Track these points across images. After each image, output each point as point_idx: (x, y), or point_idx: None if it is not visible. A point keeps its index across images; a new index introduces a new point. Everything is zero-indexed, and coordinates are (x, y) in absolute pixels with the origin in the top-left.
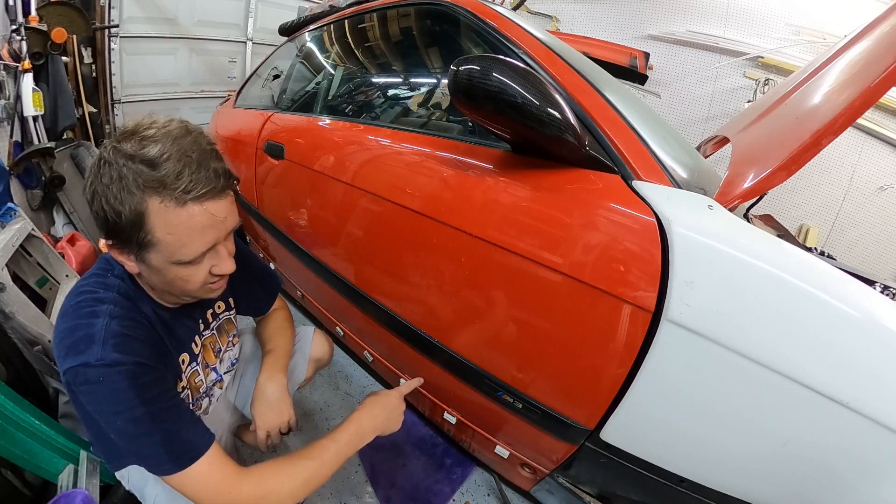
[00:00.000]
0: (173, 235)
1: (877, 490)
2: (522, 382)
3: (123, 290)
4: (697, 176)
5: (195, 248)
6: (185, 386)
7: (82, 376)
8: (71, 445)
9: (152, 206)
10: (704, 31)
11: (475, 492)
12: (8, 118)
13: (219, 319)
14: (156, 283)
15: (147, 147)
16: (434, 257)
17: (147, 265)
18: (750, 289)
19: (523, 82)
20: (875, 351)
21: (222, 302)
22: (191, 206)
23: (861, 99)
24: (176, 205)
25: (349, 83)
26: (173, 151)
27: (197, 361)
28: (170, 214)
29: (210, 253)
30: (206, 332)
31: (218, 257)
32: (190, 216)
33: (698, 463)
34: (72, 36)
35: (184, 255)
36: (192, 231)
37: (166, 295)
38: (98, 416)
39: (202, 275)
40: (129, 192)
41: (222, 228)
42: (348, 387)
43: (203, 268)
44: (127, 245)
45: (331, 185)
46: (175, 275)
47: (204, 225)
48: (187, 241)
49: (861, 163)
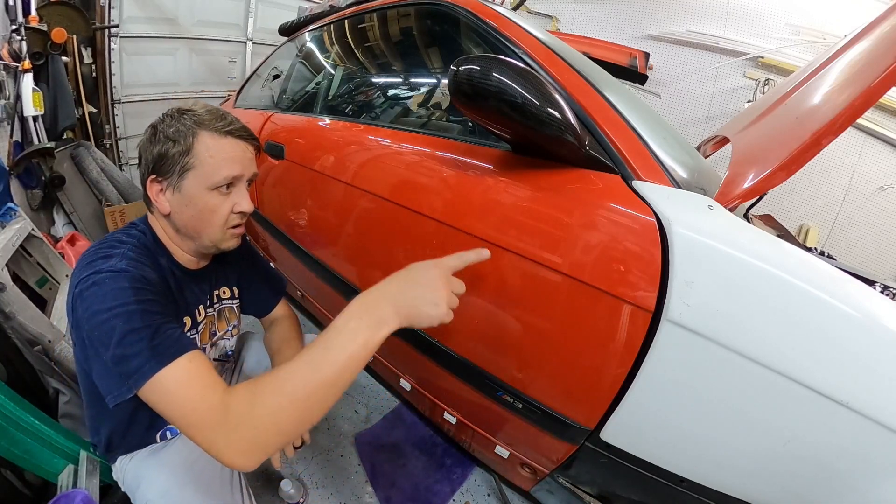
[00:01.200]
0: (213, 158)
1: (877, 490)
2: (522, 382)
3: (143, 240)
4: (697, 176)
5: (227, 171)
6: None
7: (90, 280)
8: (71, 445)
9: (200, 136)
10: (704, 31)
11: (475, 492)
12: (8, 118)
13: (222, 303)
14: (184, 218)
15: (196, 108)
16: (433, 257)
17: (182, 195)
18: (750, 289)
19: (523, 82)
20: (875, 351)
21: (227, 288)
22: (230, 138)
23: (861, 99)
24: (219, 135)
25: (349, 83)
26: (215, 111)
27: (198, 331)
28: (213, 141)
29: (234, 189)
30: (208, 310)
31: (240, 195)
32: (228, 144)
33: (698, 463)
34: (72, 36)
35: (218, 175)
36: (226, 158)
37: (188, 245)
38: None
39: (227, 208)
40: (185, 126)
41: (248, 167)
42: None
43: (228, 201)
44: (170, 174)
45: (331, 186)
46: (205, 203)
47: (236, 156)
48: (222, 165)
49: (861, 163)
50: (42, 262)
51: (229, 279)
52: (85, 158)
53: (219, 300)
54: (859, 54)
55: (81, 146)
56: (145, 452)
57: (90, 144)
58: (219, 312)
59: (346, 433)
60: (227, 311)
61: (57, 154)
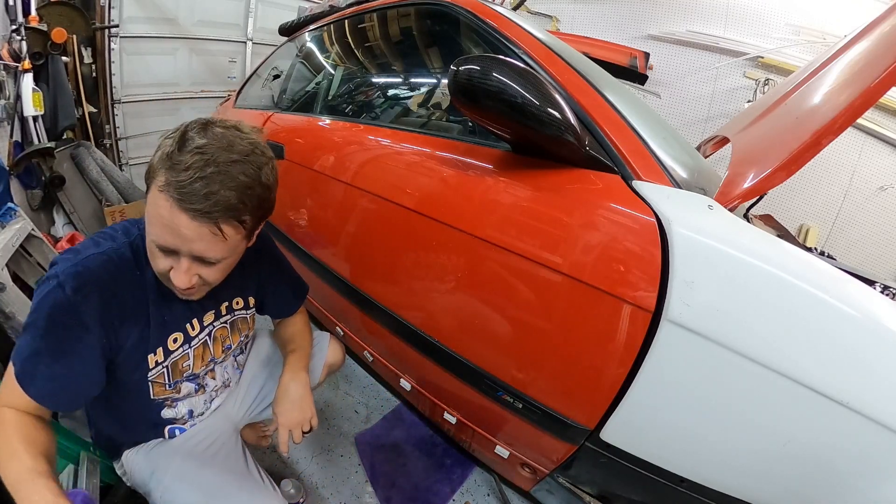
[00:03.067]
0: (149, 210)
1: (877, 490)
2: (522, 382)
3: (136, 246)
4: (697, 176)
5: (154, 235)
6: (160, 362)
7: (50, 271)
8: (71, 445)
9: (157, 175)
10: (704, 31)
11: (475, 492)
12: (8, 118)
13: (234, 315)
14: None
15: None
16: (433, 257)
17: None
18: (750, 289)
19: (523, 82)
20: (875, 351)
21: (241, 299)
22: (165, 201)
23: (861, 99)
24: (158, 189)
25: (349, 83)
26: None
27: (191, 345)
28: (154, 192)
29: (172, 255)
30: (216, 324)
31: (177, 266)
32: (158, 206)
33: (698, 463)
34: (72, 36)
35: (149, 232)
36: (157, 219)
37: None
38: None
39: (162, 266)
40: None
41: (183, 245)
42: (348, 387)
43: (164, 261)
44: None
45: (331, 186)
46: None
47: (165, 225)
48: (153, 223)
49: (861, 163)
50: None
51: (246, 288)
52: (85, 158)
53: (230, 312)
54: (859, 54)
55: (81, 146)
56: (153, 443)
57: (90, 144)
58: (231, 325)
59: (346, 433)
60: (240, 322)
61: (57, 154)
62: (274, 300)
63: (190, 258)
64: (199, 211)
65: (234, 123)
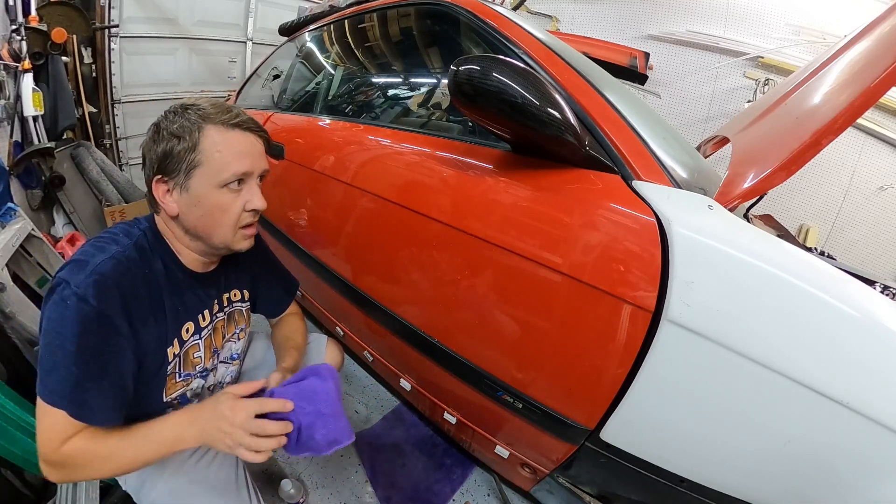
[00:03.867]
0: (220, 153)
1: (877, 490)
2: (522, 382)
3: (141, 242)
4: (697, 176)
5: (236, 166)
6: (177, 353)
7: (60, 289)
8: None
9: (207, 130)
10: (704, 31)
11: (475, 492)
12: (8, 118)
13: (233, 306)
14: (193, 219)
15: (201, 102)
16: (433, 257)
17: (190, 194)
18: (750, 289)
19: (523, 82)
20: (875, 351)
21: (238, 291)
22: (237, 131)
23: (861, 99)
24: (226, 128)
25: (349, 83)
26: (220, 104)
27: (201, 336)
28: (220, 135)
29: (245, 185)
30: (219, 315)
31: (251, 192)
32: (236, 137)
33: (698, 463)
34: (72, 36)
35: (227, 171)
36: (235, 152)
37: (196, 246)
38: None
39: (238, 206)
40: (190, 121)
41: (258, 162)
42: (348, 387)
43: (239, 199)
44: (176, 173)
45: (331, 186)
46: (215, 202)
47: (245, 149)
48: (231, 159)
49: (861, 163)
50: (42, 262)
51: (241, 281)
52: (85, 158)
53: (230, 303)
54: (859, 54)
55: (81, 146)
56: None
57: (90, 144)
58: (229, 316)
59: None
60: (237, 314)
61: (57, 154)
62: (267, 296)
63: (257, 179)
64: (256, 128)
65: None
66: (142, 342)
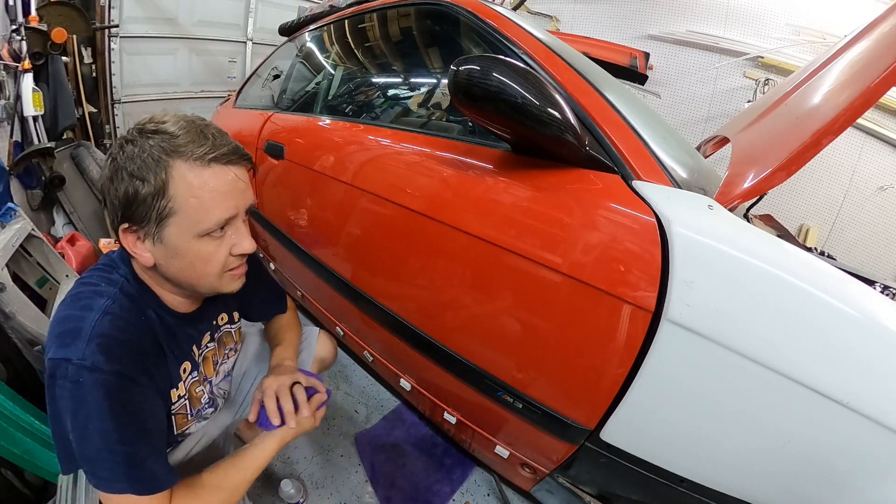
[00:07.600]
0: (197, 198)
1: (877, 490)
2: (522, 382)
3: (126, 288)
4: (697, 176)
5: (218, 213)
6: (182, 395)
7: (63, 370)
8: None
9: (176, 169)
10: (704, 31)
11: (475, 492)
12: (8, 118)
13: (220, 331)
14: (173, 271)
15: (166, 124)
16: (433, 257)
17: (165, 246)
18: (750, 289)
19: (523, 82)
20: (875, 351)
21: (226, 314)
22: (215, 167)
23: (861, 99)
24: (200, 165)
25: (349, 83)
26: (191, 127)
27: (199, 371)
28: (194, 175)
29: (230, 228)
30: (209, 345)
31: (238, 234)
32: (214, 176)
33: (698, 463)
34: (72, 36)
35: (207, 220)
36: (214, 194)
37: (180, 291)
38: (68, 415)
39: (223, 254)
40: (153, 158)
41: (242, 198)
42: (348, 387)
43: (224, 245)
44: (145, 223)
45: (331, 186)
46: (196, 253)
47: (227, 188)
48: (210, 206)
49: (861, 163)
50: (42, 262)
51: (229, 305)
52: (85, 158)
53: (218, 329)
54: (859, 54)
55: (81, 146)
56: None
57: (90, 144)
58: (218, 340)
59: (347, 433)
60: (226, 336)
61: (57, 154)
62: (260, 308)
63: (243, 216)
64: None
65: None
66: (159, 388)
